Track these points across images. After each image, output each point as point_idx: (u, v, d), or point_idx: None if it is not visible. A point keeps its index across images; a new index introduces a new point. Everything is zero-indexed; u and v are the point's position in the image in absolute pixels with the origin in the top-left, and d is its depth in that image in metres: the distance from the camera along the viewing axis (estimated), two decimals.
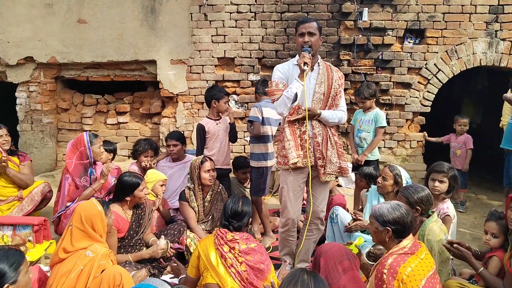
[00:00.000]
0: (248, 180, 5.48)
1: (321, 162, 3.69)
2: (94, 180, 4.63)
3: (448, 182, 3.86)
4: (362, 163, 5.14)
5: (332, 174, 3.75)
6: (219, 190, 4.64)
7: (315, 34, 3.65)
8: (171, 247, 4.01)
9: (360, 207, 4.95)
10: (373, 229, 2.91)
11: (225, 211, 3.28)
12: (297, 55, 3.78)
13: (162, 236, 4.04)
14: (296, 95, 3.55)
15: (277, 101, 3.68)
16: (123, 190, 3.99)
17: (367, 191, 4.72)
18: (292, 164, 3.64)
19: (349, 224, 4.19)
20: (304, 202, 4.18)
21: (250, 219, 5.07)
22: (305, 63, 3.53)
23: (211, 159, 4.57)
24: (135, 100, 7.78)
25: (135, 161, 5.29)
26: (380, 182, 4.17)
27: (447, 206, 3.79)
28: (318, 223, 3.91)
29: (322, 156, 3.68)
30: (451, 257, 3.38)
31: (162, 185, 4.60)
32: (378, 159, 5.35)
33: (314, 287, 2.06)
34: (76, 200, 4.40)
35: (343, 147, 4.18)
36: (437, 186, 3.84)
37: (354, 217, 4.24)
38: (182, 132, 6.90)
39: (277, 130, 4.66)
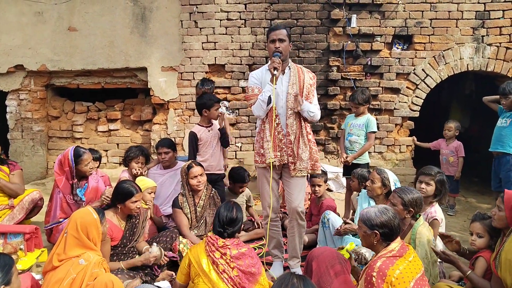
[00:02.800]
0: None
1: (292, 159, 3.90)
2: (86, 193, 4.62)
3: (434, 185, 3.93)
4: (350, 163, 5.19)
5: (302, 170, 3.93)
6: (211, 194, 4.64)
7: (285, 40, 3.87)
8: (165, 255, 4.01)
9: (352, 211, 4.99)
10: (361, 233, 2.95)
11: (219, 218, 3.29)
12: (269, 60, 3.99)
13: (154, 244, 4.02)
14: (270, 97, 3.78)
15: (253, 105, 3.92)
16: (117, 196, 3.99)
17: (358, 195, 4.77)
18: (268, 163, 3.87)
19: (339, 229, 4.24)
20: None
21: (243, 225, 5.13)
22: (275, 68, 3.74)
23: (199, 164, 4.57)
24: (126, 107, 7.79)
25: (127, 168, 5.29)
26: (369, 185, 4.21)
27: (435, 210, 3.84)
28: (297, 218, 4.02)
29: (293, 153, 3.88)
30: (439, 260, 3.43)
31: (150, 193, 4.59)
32: (368, 163, 5.40)
33: None
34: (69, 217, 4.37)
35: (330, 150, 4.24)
36: (423, 188, 3.91)
37: (344, 220, 4.30)
38: (173, 139, 6.93)
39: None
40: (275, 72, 3.74)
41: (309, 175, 4.32)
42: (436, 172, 4.00)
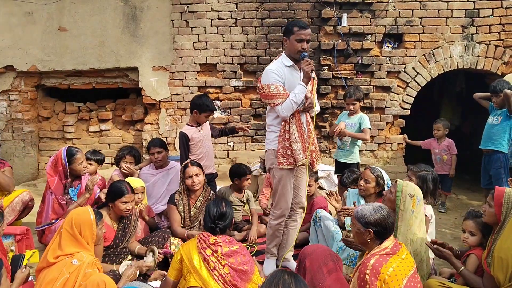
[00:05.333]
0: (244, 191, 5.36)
1: (315, 155, 4.04)
2: (79, 194, 4.60)
3: (415, 181, 3.96)
4: (342, 136, 5.26)
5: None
6: (209, 197, 4.58)
7: (310, 41, 3.88)
8: (159, 253, 3.99)
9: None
10: (355, 230, 2.97)
11: (209, 214, 3.30)
12: (284, 55, 3.89)
13: (151, 254, 3.97)
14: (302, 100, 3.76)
15: (281, 105, 3.73)
16: (108, 194, 3.99)
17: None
18: (300, 165, 3.87)
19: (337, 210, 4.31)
20: None
21: (233, 219, 5.11)
22: (312, 70, 3.71)
23: (197, 164, 4.54)
24: (118, 107, 7.76)
25: (118, 168, 5.28)
26: (362, 185, 4.20)
27: (424, 207, 3.85)
28: (301, 212, 4.18)
29: (315, 147, 4.04)
30: (431, 256, 3.46)
31: (137, 193, 4.56)
32: (358, 163, 5.41)
33: (296, 287, 2.08)
34: (62, 217, 4.36)
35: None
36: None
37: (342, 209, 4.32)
38: (165, 138, 6.93)
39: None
40: (313, 74, 3.74)
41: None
42: (422, 169, 4.03)
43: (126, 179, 4.59)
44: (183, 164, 4.54)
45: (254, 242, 4.88)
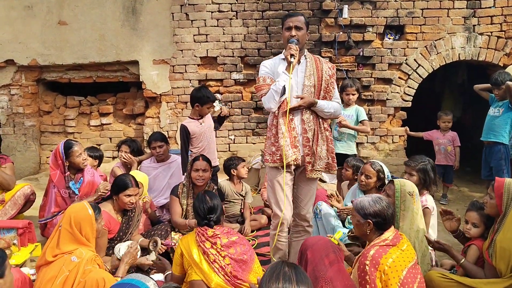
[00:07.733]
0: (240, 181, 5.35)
1: (309, 158, 3.55)
2: (82, 187, 4.61)
3: (417, 175, 3.93)
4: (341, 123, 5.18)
5: (319, 171, 3.60)
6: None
7: (302, 28, 3.52)
8: (162, 244, 4.00)
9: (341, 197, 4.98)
10: (355, 222, 2.98)
11: (198, 213, 3.29)
12: (284, 49, 3.64)
13: (153, 252, 3.99)
14: (284, 88, 3.41)
15: (264, 96, 3.53)
16: (113, 187, 4.00)
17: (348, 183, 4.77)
18: (293, 160, 3.49)
19: (338, 209, 4.21)
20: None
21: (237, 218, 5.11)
22: (291, 55, 3.41)
23: (207, 160, 4.51)
24: (118, 101, 7.76)
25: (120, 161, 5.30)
26: (363, 180, 4.19)
27: (426, 199, 3.85)
28: (304, 226, 3.76)
29: (312, 152, 3.54)
30: (431, 248, 3.46)
31: None
32: (355, 154, 5.40)
33: (296, 279, 2.07)
34: (63, 211, 4.37)
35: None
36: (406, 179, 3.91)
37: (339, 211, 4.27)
38: (166, 132, 6.93)
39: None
40: (292, 59, 3.38)
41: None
42: (420, 162, 3.99)
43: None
44: (194, 157, 4.53)
45: (247, 235, 4.88)
